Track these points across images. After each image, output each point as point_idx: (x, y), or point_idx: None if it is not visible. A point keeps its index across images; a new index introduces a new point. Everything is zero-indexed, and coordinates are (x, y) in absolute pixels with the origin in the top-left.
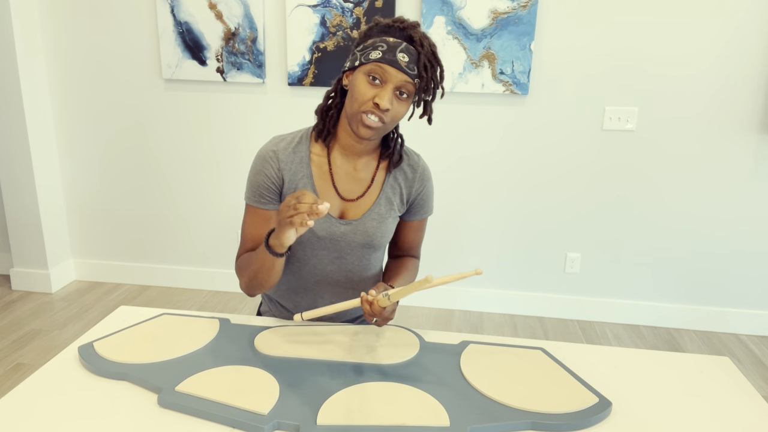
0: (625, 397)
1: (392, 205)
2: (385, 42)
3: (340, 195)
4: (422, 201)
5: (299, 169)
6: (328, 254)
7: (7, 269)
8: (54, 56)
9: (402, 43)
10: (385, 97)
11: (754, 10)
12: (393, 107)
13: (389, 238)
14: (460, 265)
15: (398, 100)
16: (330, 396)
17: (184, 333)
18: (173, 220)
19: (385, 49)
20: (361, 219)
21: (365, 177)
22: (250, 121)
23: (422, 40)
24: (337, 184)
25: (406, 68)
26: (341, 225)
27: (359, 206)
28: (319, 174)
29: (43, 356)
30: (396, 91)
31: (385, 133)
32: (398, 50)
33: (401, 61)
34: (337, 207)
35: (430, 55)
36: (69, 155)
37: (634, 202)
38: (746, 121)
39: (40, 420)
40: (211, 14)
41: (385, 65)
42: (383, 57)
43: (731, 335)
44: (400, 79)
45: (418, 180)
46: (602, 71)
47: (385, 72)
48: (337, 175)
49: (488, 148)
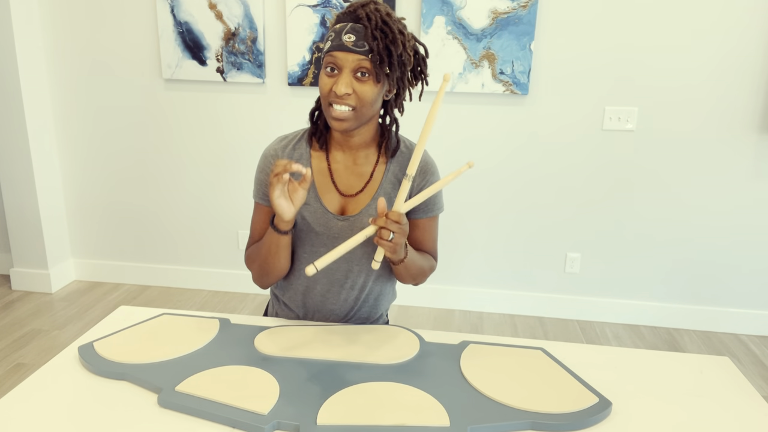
0: (625, 397)
1: (392, 201)
2: (333, 30)
3: (340, 191)
4: (430, 198)
5: (299, 163)
6: (326, 251)
7: (7, 269)
8: (54, 56)
9: (347, 24)
10: (340, 83)
11: (754, 10)
12: (355, 90)
13: None
14: (460, 265)
15: (359, 82)
16: (330, 396)
17: (184, 333)
18: (173, 220)
19: (333, 37)
20: (358, 215)
21: (365, 171)
22: (250, 121)
23: (369, 14)
24: (337, 180)
25: (354, 47)
26: (339, 221)
27: (358, 202)
28: (319, 170)
29: (43, 356)
30: (355, 74)
31: (364, 119)
32: (344, 33)
33: (347, 42)
34: (337, 203)
35: (382, 25)
36: (69, 155)
37: (634, 202)
38: (746, 121)
39: (40, 420)
40: (211, 14)
41: (334, 52)
42: (331, 45)
43: (731, 335)
44: (351, 60)
45: (419, 174)
46: (602, 71)
47: (336, 59)
48: (336, 171)
49: (488, 148)
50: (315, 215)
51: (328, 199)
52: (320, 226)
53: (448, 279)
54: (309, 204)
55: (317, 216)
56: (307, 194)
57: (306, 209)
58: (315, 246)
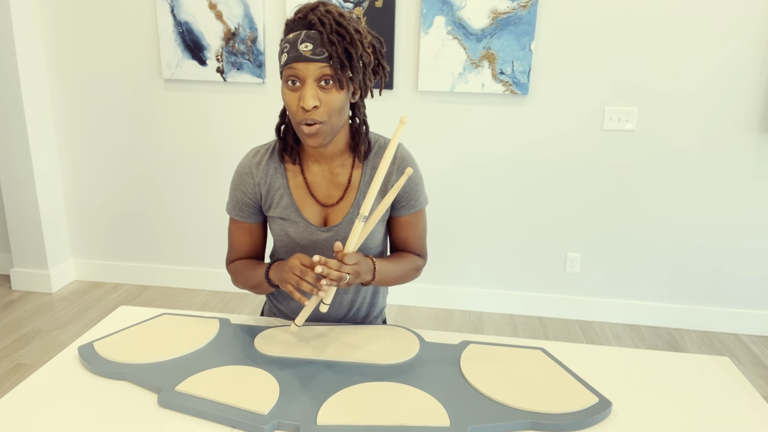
0: (625, 397)
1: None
2: (288, 41)
3: (320, 202)
4: (407, 193)
5: (275, 180)
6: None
7: (7, 269)
8: (54, 56)
9: (301, 32)
10: (307, 95)
11: (754, 10)
12: (322, 101)
13: (376, 239)
14: (461, 265)
15: (324, 91)
16: (330, 396)
17: (184, 333)
18: (173, 220)
19: (289, 48)
20: (340, 224)
21: (342, 180)
22: (250, 121)
23: (322, 18)
24: (315, 191)
25: (313, 56)
26: (322, 233)
27: (339, 211)
28: (296, 184)
29: (43, 356)
30: (319, 83)
31: (335, 130)
32: (299, 42)
33: (304, 52)
34: (318, 215)
35: (337, 27)
36: (69, 155)
37: (634, 201)
38: (746, 121)
39: (40, 420)
40: (211, 14)
41: (293, 64)
42: (289, 57)
43: (731, 335)
44: (312, 69)
45: (396, 171)
46: (602, 71)
47: (296, 70)
48: (314, 183)
49: (488, 148)
50: (298, 230)
51: (308, 212)
52: (305, 240)
53: (448, 279)
54: (291, 219)
55: (300, 230)
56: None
57: (289, 225)
58: None
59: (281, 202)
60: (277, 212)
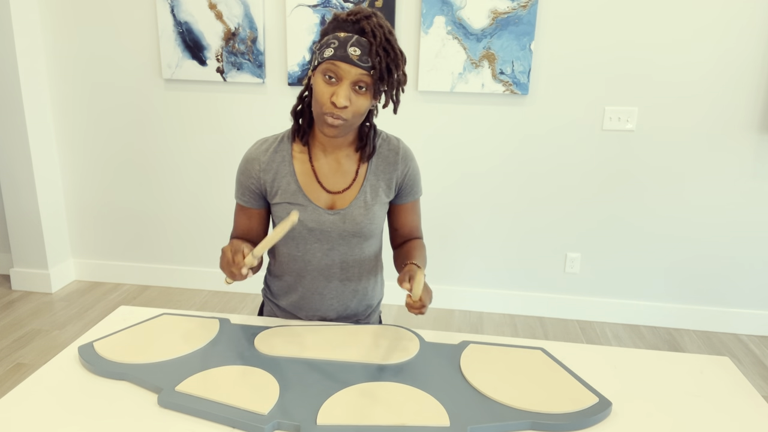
0: (625, 397)
1: (377, 193)
2: (337, 38)
3: (326, 189)
4: (410, 181)
5: (281, 168)
6: (321, 246)
7: (7, 269)
8: (54, 56)
9: (353, 36)
10: (341, 94)
11: (754, 10)
12: (352, 103)
13: (379, 225)
14: (461, 265)
15: (357, 95)
16: (330, 396)
17: (184, 333)
18: (173, 220)
19: (337, 46)
20: (348, 208)
21: (349, 169)
22: (250, 121)
23: (374, 30)
24: (322, 178)
25: (359, 62)
26: (329, 215)
27: (346, 197)
28: (303, 171)
29: (43, 356)
30: (354, 86)
31: (352, 128)
32: (349, 44)
33: (353, 55)
34: (326, 200)
35: (384, 43)
36: (69, 155)
37: (634, 201)
38: (746, 121)
39: (40, 420)
40: (211, 14)
41: (337, 62)
42: (335, 54)
43: (731, 335)
44: (354, 73)
45: (401, 161)
46: (602, 71)
47: (339, 69)
48: (320, 170)
49: (488, 148)
50: (306, 212)
51: (315, 197)
52: (313, 222)
53: (448, 279)
54: (299, 204)
55: (308, 213)
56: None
57: (296, 209)
58: (308, 243)
59: (288, 188)
60: (285, 197)
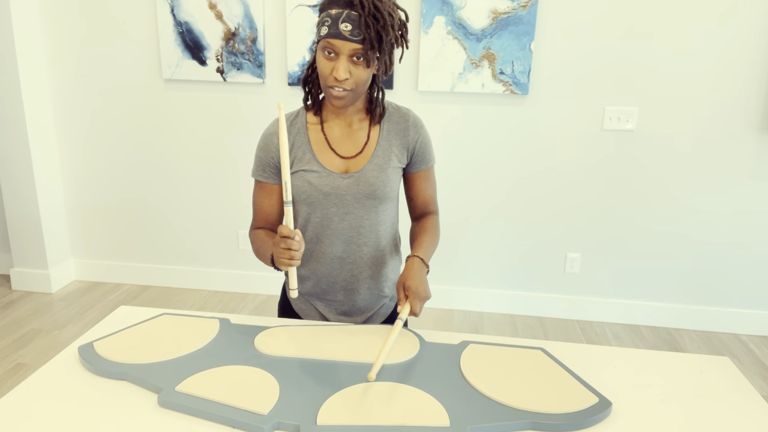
0: (625, 397)
1: (390, 156)
2: (329, 15)
3: (340, 155)
4: (422, 148)
5: (297, 138)
6: (336, 211)
7: (7, 269)
8: (54, 56)
9: (343, 12)
10: (340, 68)
11: (754, 10)
12: (352, 74)
13: (393, 189)
14: (461, 265)
15: (355, 65)
16: (330, 396)
17: (184, 333)
18: (173, 220)
19: (330, 23)
20: (362, 170)
21: (362, 135)
22: (250, 121)
23: (363, 1)
24: (335, 145)
25: (351, 36)
26: (344, 179)
27: (359, 161)
28: (317, 139)
29: (43, 356)
30: (352, 58)
31: (359, 95)
32: (340, 21)
33: (344, 31)
34: (340, 165)
35: (374, 11)
36: (69, 155)
37: (633, 202)
38: (746, 121)
39: (40, 420)
40: (211, 14)
41: (331, 39)
42: (329, 32)
43: (731, 335)
44: (348, 48)
45: (411, 128)
46: (602, 71)
47: (334, 45)
48: (333, 137)
49: (488, 148)
50: (321, 178)
51: (329, 163)
52: (327, 187)
53: (448, 279)
54: (313, 170)
55: (323, 178)
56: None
57: (311, 175)
58: (325, 207)
59: (304, 157)
60: (300, 165)
